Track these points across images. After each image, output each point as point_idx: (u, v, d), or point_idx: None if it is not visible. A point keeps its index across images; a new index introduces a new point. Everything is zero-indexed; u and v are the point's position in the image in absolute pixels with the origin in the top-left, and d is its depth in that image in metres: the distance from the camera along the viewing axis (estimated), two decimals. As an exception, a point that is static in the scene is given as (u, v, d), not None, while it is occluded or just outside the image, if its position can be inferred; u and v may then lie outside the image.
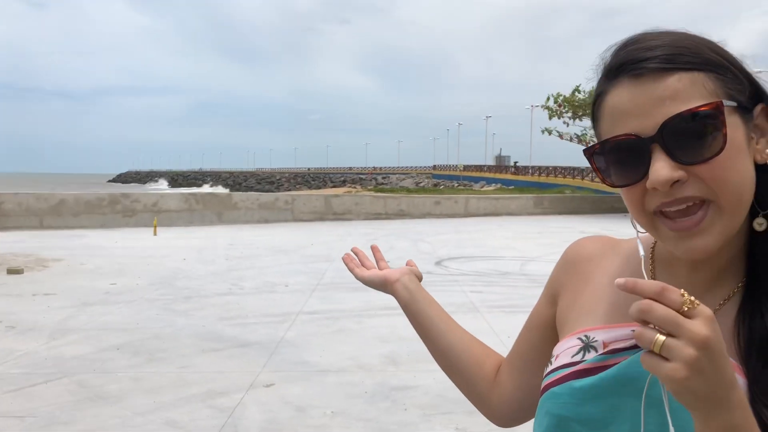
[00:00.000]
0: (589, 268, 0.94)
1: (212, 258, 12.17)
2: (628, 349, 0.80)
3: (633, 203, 0.77)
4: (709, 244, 0.73)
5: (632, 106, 0.73)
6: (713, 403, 0.61)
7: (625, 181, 0.75)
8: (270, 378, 5.26)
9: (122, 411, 4.54)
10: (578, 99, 24.95)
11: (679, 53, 0.73)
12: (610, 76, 0.77)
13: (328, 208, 21.32)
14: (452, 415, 4.49)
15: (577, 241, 1.00)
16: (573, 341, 0.86)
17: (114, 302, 8.14)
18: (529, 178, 57.73)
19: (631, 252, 0.91)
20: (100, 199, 18.47)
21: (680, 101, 0.71)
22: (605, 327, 0.84)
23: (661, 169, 0.71)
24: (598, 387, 0.80)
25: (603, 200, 26.96)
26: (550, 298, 1.00)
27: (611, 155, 0.76)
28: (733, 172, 0.72)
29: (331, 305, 7.99)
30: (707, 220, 0.72)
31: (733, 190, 0.72)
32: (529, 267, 11.15)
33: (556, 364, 0.87)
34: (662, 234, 0.75)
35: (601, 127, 0.79)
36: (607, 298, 0.88)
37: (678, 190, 0.72)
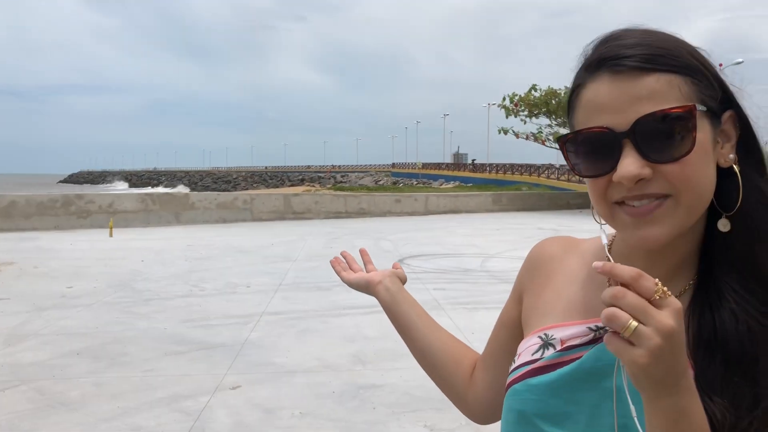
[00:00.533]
0: (550, 268, 0.97)
1: (171, 259, 11.98)
2: (584, 345, 0.84)
3: (596, 192, 0.79)
4: (662, 233, 0.76)
5: (609, 100, 0.75)
6: (664, 387, 0.65)
7: (594, 172, 0.78)
8: (236, 380, 5.21)
9: (85, 417, 4.45)
10: (534, 98, 25.31)
11: (659, 54, 0.75)
12: (590, 70, 0.79)
13: (288, 208, 21.19)
14: (421, 412, 4.52)
15: (540, 242, 1.03)
16: (533, 339, 0.90)
17: (71, 306, 7.95)
18: (487, 175, 58.36)
19: (590, 252, 0.95)
20: (53, 200, 17.99)
21: (655, 101, 0.73)
22: (563, 325, 0.88)
23: (630, 164, 0.73)
24: (556, 382, 0.84)
25: (559, 197, 27.45)
26: (516, 298, 1.03)
27: (583, 146, 0.78)
28: (697, 173, 0.75)
29: (294, 305, 7.95)
30: (662, 210, 0.75)
31: (694, 190, 0.75)
32: (490, 264, 11.27)
33: (518, 362, 0.91)
34: (619, 221, 0.79)
35: (575, 118, 0.81)
36: (567, 297, 0.92)
37: (642, 187, 0.75)
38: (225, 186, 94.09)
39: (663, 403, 0.66)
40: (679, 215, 0.76)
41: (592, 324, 0.85)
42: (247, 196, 21.63)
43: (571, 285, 0.93)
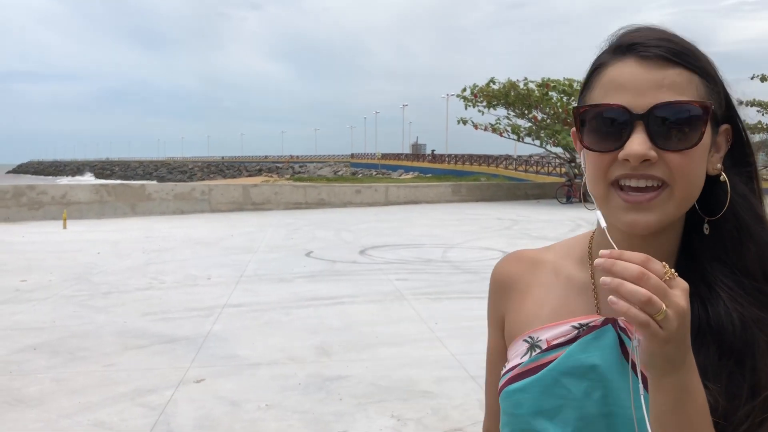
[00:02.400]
0: (524, 282, 0.99)
1: (128, 251, 11.76)
2: (567, 343, 0.88)
3: (598, 169, 0.82)
4: (652, 220, 0.80)
5: (631, 81, 0.79)
6: (672, 365, 0.68)
7: (601, 146, 0.81)
8: (200, 373, 5.16)
9: (45, 414, 4.35)
10: (493, 90, 25.52)
11: (685, 52, 0.80)
12: (617, 52, 0.82)
13: (247, 198, 20.98)
14: (387, 402, 4.55)
15: (498, 265, 1.04)
16: (520, 344, 0.93)
17: (26, 300, 7.75)
18: (445, 166, 58.69)
19: (557, 265, 0.98)
20: (2, 191, 17.44)
21: (675, 92, 0.78)
22: (548, 326, 0.91)
23: (640, 144, 0.77)
24: (544, 379, 0.87)
25: (517, 187, 27.81)
26: (498, 326, 1.02)
27: (596, 120, 0.81)
28: (695, 168, 0.80)
29: (256, 297, 7.90)
30: (658, 200, 0.79)
31: (690, 183, 0.80)
32: (450, 254, 11.38)
33: (507, 367, 0.94)
34: (613, 204, 0.82)
35: (591, 95, 0.84)
36: (549, 303, 0.95)
37: (644, 168, 0.78)
38: (181, 176, 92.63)
39: (670, 380, 0.69)
40: (671, 206, 0.80)
41: (576, 322, 0.89)
42: (205, 186, 21.34)
43: (550, 292, 0.96)
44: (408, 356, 5.59)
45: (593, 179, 0.83)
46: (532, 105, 25.28)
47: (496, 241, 12.91)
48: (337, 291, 8.23)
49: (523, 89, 24.96)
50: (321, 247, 12.25)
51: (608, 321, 0.87)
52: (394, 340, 6.03)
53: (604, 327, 0.86)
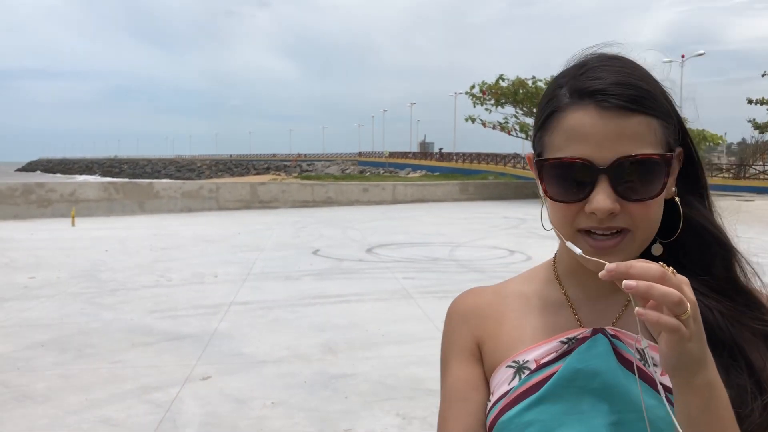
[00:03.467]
0: (495, 311, 0.96)
1: (136, 249, 11.80)
2: (559, 358, 0.86)
3: (565, 218, 0.83)
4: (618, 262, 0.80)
5: (592, 133, 0.79)
6: (699, 363, 0.68)
7: (566, 198, 0.82)
8: (206, 371, 5.17)
9: (53, 410, 4.37)
10: (501, 87, 25.48)
11: (643, 97, 0.80)
12: (575, 97, 0.82)
13: (254, 196, 21.03)
14: (393, 401, 4.55)
15: (459, 298, 1.01)
16: (505, 371, 0.90)
17: (34, 297, 7.79)
18: (453, 164, 58.62)
19: (524, 291, 0.98)
20: (12, 189, 17.56)
21: (636, 142, 0.79)
22: (532, 347, 0.89)
23: (605, 199, 0.78)
24: (542, 400, 0.85)
25: (525, 186, 27.74)
26: (469, 356, 0.95)
27: (560, 171, 0.82)
28: (656, 212, 0.83)
29: (263, 295, 7.91)
30: (622, 244, 0.81)
31: (651, 226, 0.83)
32: (458, 252, 11.36)
33: (494, 398, 0.90)
34: (580, 247, 0.83)
35: (551, 139, 0.84)
36: (529, 324, 0.93)
37: (609, 220, 0.80)
38: (189, 174, 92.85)
39: (698, 381, 0.69)
40: (634, 248, 0.83)
41: (563, 338, 0.88)
42: (213, 185, 21.42)
43: (527, 317, 0.94)
44: (414, 355, 5.58)
45: (559, 225, 0.85)
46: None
47: (504, 239, 12.89)
48: (343, 289, 8.23)
49: (531, 87, 24.90)
50: (328, 246, 12.26)
51: (597, 330, 0.87)
52: (401, 339, 6.02)
53: (595, 337, 0.86)
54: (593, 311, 0.91)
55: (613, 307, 0.90)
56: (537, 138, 0.87)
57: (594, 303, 0.91)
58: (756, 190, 32.17)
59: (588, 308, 0.92)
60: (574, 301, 0.93)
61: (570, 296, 0.93)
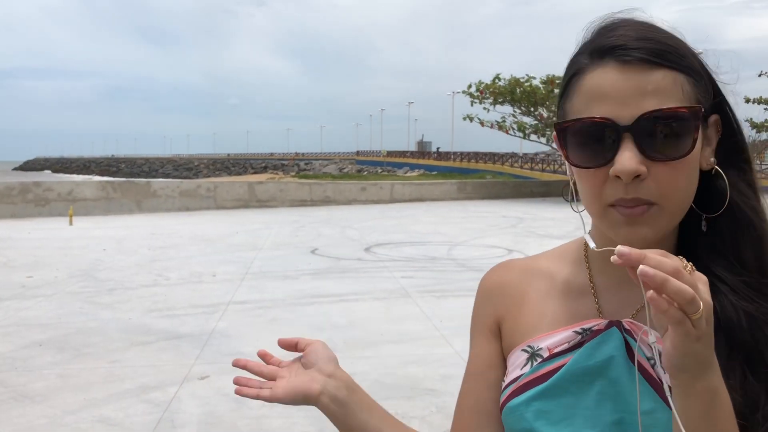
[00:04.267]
0: (519, 291, 0.95)
1: (134, 248, 11.79)
2: (571, 349, 0.84)
3: (592, 189, 0.78)
4: (649, 234, 0.77)
5: (613, 90, 0.74)
6: (703, 366, 0.64)
7: (588, 162, 0.77)
8: (204, 370, 5.17)
9: (51, 410, 4.37)
10: (499, 86, 25.49)
11: (667, 50, 0.75)
12: (594, 56, 0.77)
13: (252, 196, 21.00)
14: (391, 400, 4.54)
15: (491, 272, 1.00)
16: (519, 354, 0.89)
17: (32, 296, 7.77)
18: (451, 163, 58.66)
19: (551, 270, 0.95)
20: (9, 188, 17.52)
21: (660, 97, 0.73)
22: (548, 334, 0.88)
23: (629, 159, 0.73)
24: (550, 390, 0.83)
25: (523, 185, 27.76)
26: (488, 334, 0.96)
27: (580, 135, 0.77)
28: (687, 178, 0.77)
29: (261, 294, 7.90)
30: (649, 214, 0.76)
31: (681, 196, 0.77)
32: (456, 251, 11.36)
33: (507, 380, 0.89)
34: (611, 220, 0.78)
35: (571, 104, 0.80)
36: (549, 309, 0.91)
37: (634, 189, 0.75)
38: (187, 174, 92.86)
39: (701, 384, 0.65)
40: (664, 220, 0.77)
41: (578, 327, 0.85)
42: (211, 183, 21.39)
43: (548, 299, 0.92)
44: (412, 354, 5.58)
45: (587, 199, 0.81)
46: (538, 102, 25.25)
47: (502, 238, 12.89)
48: (342, 288, 8.23)
49: (527, 85, 24.91)
50: (326, 245, 12.26)
51: (612, 323, 0.84)
52: (399, 338, 6.02)
53: (609, 330, 0.83)
54: (616, 299, 0.88)
55: (638, 296, 0.83)
56: (559, 107, 0.83)
57: (618, 290, 0.87)
58: (753, 189, 32.30)
59: (611, 296, 0.88)
60: (599, 286, 0.90)
61: (595, 281, 0.90)
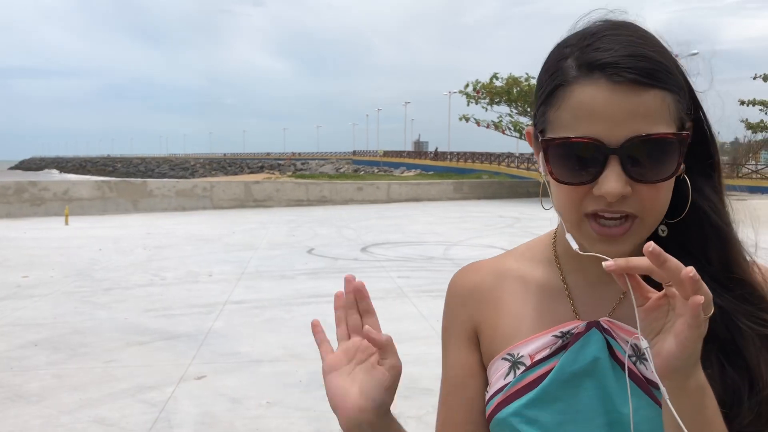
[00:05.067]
0: (494, 295, 0.93)
1: (130, 248, 11.76)
2: (553, 354, 0.84)
3: (571, 201, 0.78)
4: (626, 250, 0.77)
5: (603, 110, 0.74)
6: (695, 365, 0.66)
7: (573, 180, 0.77)
8: (201, 370, 5.16)
9: (46, 410, 4.35)
10: (495, 86, 25.51)
11: (657, 69, 0.75)
12: (583, 69, 0.76)
13: (249, 195, 20.99)
14: (388, 400, 4.54)
15: (461, 274, 0.98)
16: (500, 363, 0.88)
17: (27, 296, 7.75)
18: (448, 163, 58.64)
19: (523, 272, 0.94)
20: (4, 187, 17.47)
21: (649, 120, 0.73)
22: (527, 340, 0.87)
23: (615, 181, 0.73)
24: (539, 398, 0.83)
25: (519, 185, 27.78)
26: (467, 341, 0.94)
27: (567, 151, 0.76)
28: (667, 195, 0.78)
29: (258, 294, 7.89)
30: (631, 231, 0.76)
31: (661, 210, 0.78)
32: (452, 251, 11.36)
33: (491, 391, 0.88)
34: (585, 233, 0.78)
35: (557, 115, 0.78)
36: (526, 314, 0.90)
37: (619, 204, 0.75)
38: (183, 173, 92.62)
39: (692, 383, 0.67)
40: (643, 232, 0.78)
41: (557, 331, 0.85)
42: (207, 183, 21.37)
43: (524, 303, 0.91)
44: (409, 354, 5.57)
45: (564, 208, 0.80)
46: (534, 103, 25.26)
47: (498, 238, 12.90)
48: (338, 288, 8.14)
49: (525, 85, 24.94)
50: (323, 244, 12.25)
51: (591, 325, 0.83)
52: (396, 338, 5.91)
53: (589, 332, 0.83)
54: (591, 298, 0.88)
55: (612, 294, 0.87)
56: (540, 113, 0.81)
57: (592, 290, 0.88)
58: (749, 189, 32.29)
59: (586, 295, 0.88)
60: (572, 287, 0.90)
61: (568, 282, 0.90)
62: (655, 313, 0.67)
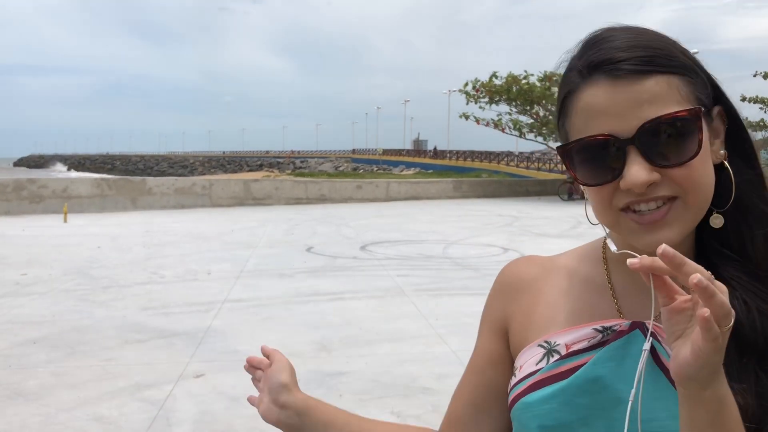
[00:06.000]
0: (536, 286, 0.93)
1: (129, 246, 11.75)
2: (591, 348, 0.81)
3: (601, 201, 0.78)
4: (673, 236, 0.75)
5: (609, 105, 0.74)
6: (713, 376, 0.63)
7: (598, 180, 0.76)
8: (200, 368, 5.15)
9: (44, 408, 4.34)
10: (495, 85, 25.49)
11: (655, 55, 0.74)
12: (584, 73, 0.76)
13: (248, 193, 20.96)
14: (387, 399, 4.54)
15: (511, 264, 0.98)
16: (535, 349, 0.86)
17: (26, 294, 7.74)
18: (447, 162, 58.68)
19: (570, 268, 0.93)
20: (3, 184, 17.44)
21: (658, 104, 0.73)
22: (567, 330, 0.85)
23: (638, 171, 0.72)
24: (568, 390, 0.80)
25: (519, 184, 27.77)
26: (495, 331, 0.95)
27: (585, 154, 0.77)
28: (703, 174, 0.75)
29: (257, 292, 7.88)
30: (672, 213, 0.74)
31: (701, 190, 0.75)
32: (451, 250, 11.35)
33: (521, 374, 0.86)
34: (625, 228, 0.77)
35: (571, 123, 0.79)
36: (566, 305, 0.89)
37: (651, 191, 0.74)
38: (182, 171, 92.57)
39: (708, 394, 0.64)
40: (688, 216, 0.76)
41: (598, 326, 0.82)
42: (206, 181, 21.33)
43: (566, 294, 0.90)
44: (408, 352, 5.57)
45: (598, 210, 0.79)
46: (534, 101, 25.24)
47: (497, 237, 12.89)
48: (337, 287, 8.21)
49: (524, 83, 24.91)
50: (322, 243, 12.24)
51: (636, 325, 0.81)
52: (395, 337, 6.02)
53: (632, 333, 0.80)
54: (636, 301, 0.85)
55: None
56: (560, 126, 0.82)
57: (638, 293, 0.84)
58: (748, 188, 32.37)
59: (631, 297, 0.86)
60: (618, 287, 0.87)
61: (614, 282, 0.88)
62: (678, 316, 0.64)
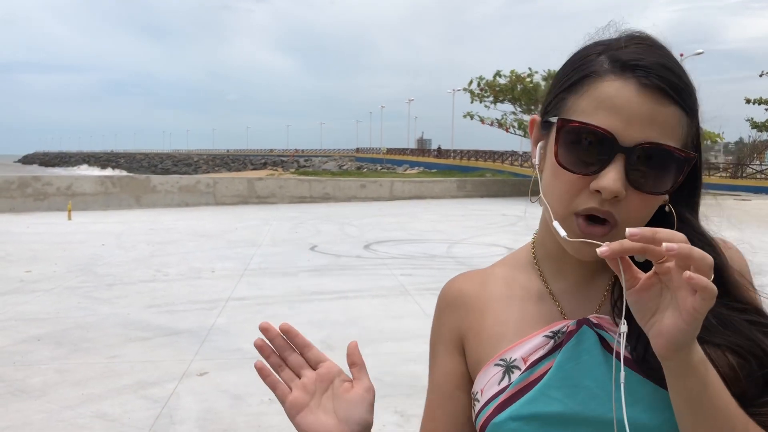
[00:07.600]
0: (480, 301, 0.94)
1: (133, 243, 11.77)
2: (547, 355, 0.83)
3: (567, 192, 0.78)
4: (596, 255, 0.76)
5: (625, 108, 0.75)
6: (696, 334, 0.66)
7: (575, 167, 0.77)
8: (203, 366, 5.15)
9: (48, 405, 4.35)
10: (499, 84, 25.47)
11: (684, 89, 0.77)
12: (616, 66, 0.77)
13: (252, 192, 20.98)
14: (390, 398, 4.54)
15: (451, 283, 0.99)
16: (492, 370, 0.86)
17: (30, 291, 7.76)
18: (451, 161, 58.61)
19: (508, 278, 0.95)
20: (8, 182, 17.49)
21: (664, 132, 0.75)
22: (518, 343, 0.86)
23: (616, 180, 0.74)
24: (538, 399, 0.82)
25: (523, 183, 27.72)
26: (453, 350, 0.95)
27: (579, 136, 0.77)
28: (650, 212, 0.79)
29: (260, 291, 7.89)
30: (608, 236, 0.76)
31: (639, 224, 0.77)
32: (455, 249, 11.34)
33: (484, 398, 0.86)
34: (570, 228, 0.79)
35: (577, 101, 0.79)
36: (511, 318, 0.90)
37: (610, 204, 0.75)
38: (186, 169, 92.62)
39: (696, 357, 0.67)
40: (619, 239, 0.78)
41: (547, 332, 0.85)
42: (210, 179, 21.35)
43: (509, 307, 0.91)
44: (412, 352, 5.57)
45: (557, 199, 0.80)
46: (539, 100, 25.20)
47: (501, 236, 12.88)
48: (341, 285, 8.21)
49: (528, 82, 24.89)
50: (325, 242, 12.24)
51: (582, 322, 0.83)
52: (398, 336, 6.01)
53: (581, 330, 0.83)
54: (575, 299, 0.89)
55: (594, 294, 0.88)
56: (557, 99, 0.82)
57: (575, 291, 0.89)
58: (753, 189, 32.19)
59: (569, 296, 0.89)
60: (555, 290, 0.90)
61: (550, 285, 0.91)
62: (647, 293, 0.67)
